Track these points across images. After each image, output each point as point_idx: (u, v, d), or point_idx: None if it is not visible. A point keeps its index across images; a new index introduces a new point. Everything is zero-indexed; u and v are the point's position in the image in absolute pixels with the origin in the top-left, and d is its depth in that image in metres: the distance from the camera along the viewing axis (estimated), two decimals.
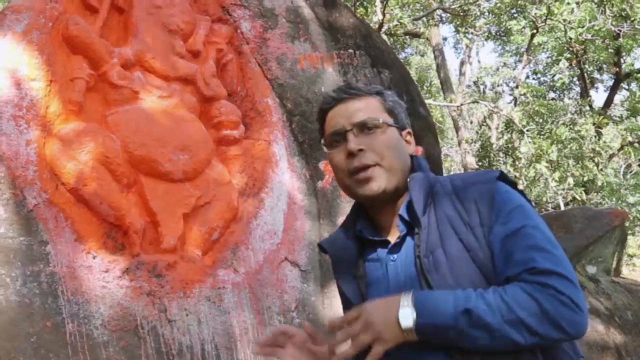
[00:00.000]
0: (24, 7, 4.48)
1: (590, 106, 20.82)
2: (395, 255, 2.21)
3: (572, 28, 18.56)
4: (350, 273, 2.29)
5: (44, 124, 4.30)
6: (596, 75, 24.38)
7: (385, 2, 17.64)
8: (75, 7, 4.71)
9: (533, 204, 2.28)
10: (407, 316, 1.93)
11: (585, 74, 22.59)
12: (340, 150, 2.27)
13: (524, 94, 22.56)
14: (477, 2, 20.55)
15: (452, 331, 1.92)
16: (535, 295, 1.92)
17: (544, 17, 19.03)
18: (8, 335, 3.85)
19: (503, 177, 2.20)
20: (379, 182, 2.19)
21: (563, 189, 19.40)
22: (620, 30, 18.16)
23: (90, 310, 4.10)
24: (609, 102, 22.04)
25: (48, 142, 4.29)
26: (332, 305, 4.75)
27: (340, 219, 2.73)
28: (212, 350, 4.35)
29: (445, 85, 23.40)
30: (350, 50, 5.56)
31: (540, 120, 20.79)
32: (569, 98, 26.13)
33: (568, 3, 18.07)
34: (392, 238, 2.25)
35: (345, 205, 4.86)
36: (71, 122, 4.40)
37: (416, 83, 7.41)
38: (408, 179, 2.24)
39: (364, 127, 2.24)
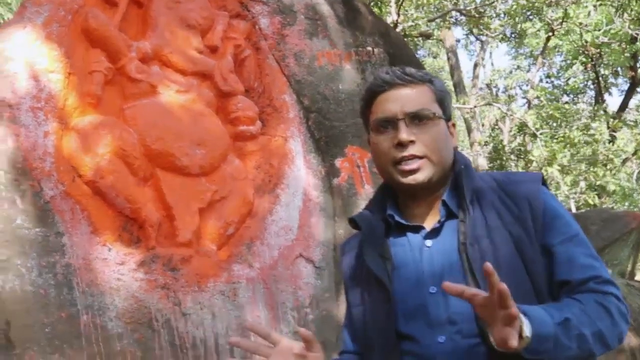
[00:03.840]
0: None
1: (605, 110, 20.73)
2: (431, 241, 2.19)
3: (588, 31, 18.50)
4: (377, 252, 2.25)
5: (61, 116, 4.31)
6: (611, 79, 24.27)
7: (400, 3, 17.61)
8: (94, 0, 4.71)
9: None
10: (527, 325, 1.83)
11: (600, 78, 22.51)
12: (387, 137, 2.21)
13: (538, 97, 22.50)
14: (493, 4, 20.46)
15: (551, 342, 1.87)
16: (608, 307, 1.95)
17: (560, 20, 18.96)
18: (23, 325, 3.85)
19: (544, 181, 2.22)
20: (425, 173, 2.16)
21: (575, 193, 19.34)
22: (637, 34, 18.03)
23: (105, 302, 4.10)
24: (623, 106, 21.94)
25: (66, 135, 4.30)
26: (345, 302, 4.73)
27: None
28: (225, 344, 4.35)
29: (459, 88, 23.32)
30: (369, 48, 5.55)
31: (554, 124, 20.71)
32: (583, 102, 26.05)
33: (585, 6, 18.00)
34: (427, 224, 2.23)
35: (361, 203, 4.85)
36: (89, 115, 4.41)
37: None
38: (461, 166, 2.22)
39: (416, 118, 2.19)
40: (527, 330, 1.82)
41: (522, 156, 19.99)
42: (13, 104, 4.18)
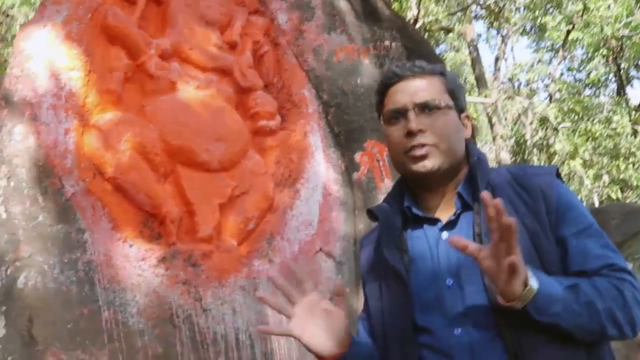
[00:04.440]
0: None
1: (627, 103, 20.58)
2: (447, 233, 2.19)
3: (608, 24, 18.36)
4: (394, 244, 2.26)
5: (82, 113, 4.35)
6: (633, 71, 24.10)
7: None
8: None
9: None
10: (533, 278, 1.87)
11: (622, 71, 22.35)
12: (399, 127, 2.24)
13: (559, 91, 22.38)
14: None
15: (560, 304, 1.89)
16: (621, 289, 1.95)
17: (580, 13, 18.85)
18: (45, 321, 3.89)
19: (558, 173, 2.23)
20: (434, 161, 2.17)
21: (598, 187, 19.23)
22: None
23: (126, 298, 4.12)
24: None
25: (86, 132, 4.33)
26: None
27: None
28: (246, 340, 4.36)
29: (480, 82, 23.25)
30: (387, 42, 5.53)
31: (576, 118, 20.61)
32: (605, 95, 25.88)
33: None
34: (443, 216, 2.23)
35: (381, 197, 4.83)
36: (109, 112, 4.44)
37: None
38: (474, 158, 2.24)
39: (426, 108, 2.21)
40: (534, 282, 1.86)
41: (544, 150, 19.92)
42: (34, 102, 4.22)
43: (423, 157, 2.18)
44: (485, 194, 1.81)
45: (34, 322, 3.86)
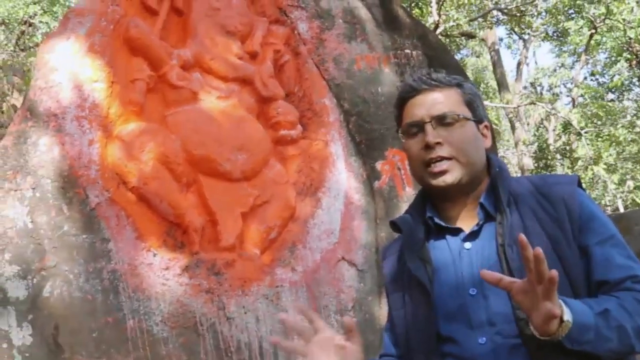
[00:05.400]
0: (87, 10, 4.59)
1: None
2: (470, 244, 2.20)
3: (631, 27, 18.26)
4: (417, 254, 2.27)
5: (105, 124, 4.40)
6: None
7: (441, 3, 17.55)
8: (135, 10, 4.80)
9: None
10: (567, 311, 1.85)
11: None
12: (417, 140, 2.25)
13: (582, 95, 22.26)
14: (534, 2, 20.30)
15: (592, 332, 1.88)
16: None
17: (603, 17, 18.75)
18: (71, 329, 3.94)
19: (580, 182, 2.23)
20: (454, 174, 2.18)
21: (622, 192, 19.10)
22: None
23: (151, 307, 4.16)
24: None
25: (110, 142, 4.38)
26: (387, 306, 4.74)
27: None
28: (269, 348, 4.38)
29: (502, 87, 23.16)
30: (407, 51, 5.55)
31: (599, 122, 20.49)
32: (629, 99, 25.69)
33: (628, 2, 17.77)
34: (465, 226, 2.24)
35: (403, 205, 4.85)
36: (132, 122, 4.49)
37: None
38: (496, 169, 2.25)
39: (443, 120, 2.22)
40: (568, 316, 1.84)
41: (567, 155, 19.81)
42: (58, 114, 4.28)
43: (443, 172, 2.19)
44: (522, 238, 1.80)
45: (59, 331, 3.91)
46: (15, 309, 3.88)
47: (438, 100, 2.25)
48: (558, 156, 21.00)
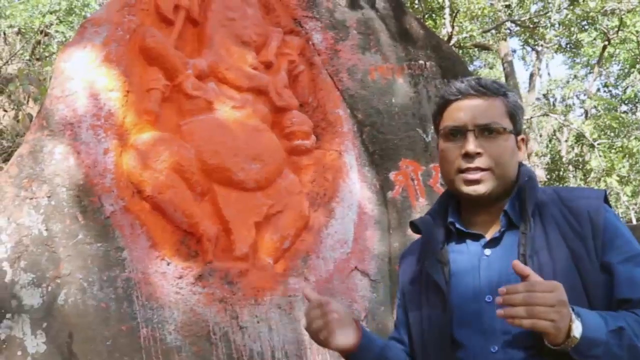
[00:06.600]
0: (103, 19, 4.63)
1: None
2: (490, 250, 2.21)
3: None
4: (435, 257, 2.28)
5: (121, 133, 4.42)
6: None
7: (454, 15, 17.57)
8: (151, 20, 4.83)
9: None
10: (578, 325, 1.87)
11: None
12: (456, 145, 2.25)
13: (595, 107, 22.20)
14: (548, 14, 20.29)
15: (601, 348, 1.88)
16: None
17: (616, 29, 18.72)
18: (85, 338, 3.94)
19: (606, 198, 2.23)
20: (487, 185, 2.20)
21: (635, 204, 19.02)
22: None
23: (164, 316, 4.17)
24: None
25: (125, 151, 4.40)
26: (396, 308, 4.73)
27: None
28: (282, 358, 4.38)
29: None
30: (421, 62, 5.56)
31: (612, 134, 20.42)
32: None
33: None
34: (487, 233, 2.25)
35: (416, 216, 4.85)
36: (147, 131, 4.51)
37: None
38: (525, 179, 2.24)
39: (486, 131, 2.22)
40: (577, 332, 1.85)
41: (580, 167, 19.75)
42: (74, 122, 4.30)
43: (476, 182, 2.20)
44: (515, 263, 1.88)
45: (73, 339, 3.92)
46: (30, 317, 3.89)
47: (483, 109, 2.25)
48: (571, 168, 20.92)
